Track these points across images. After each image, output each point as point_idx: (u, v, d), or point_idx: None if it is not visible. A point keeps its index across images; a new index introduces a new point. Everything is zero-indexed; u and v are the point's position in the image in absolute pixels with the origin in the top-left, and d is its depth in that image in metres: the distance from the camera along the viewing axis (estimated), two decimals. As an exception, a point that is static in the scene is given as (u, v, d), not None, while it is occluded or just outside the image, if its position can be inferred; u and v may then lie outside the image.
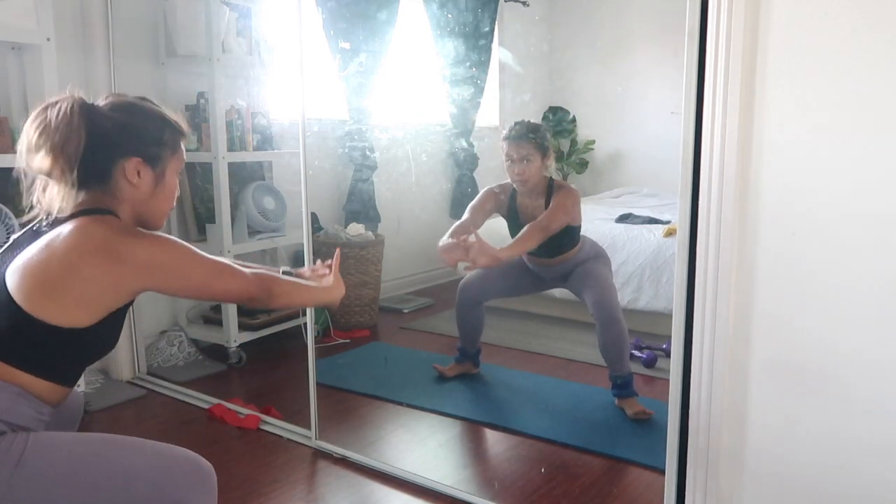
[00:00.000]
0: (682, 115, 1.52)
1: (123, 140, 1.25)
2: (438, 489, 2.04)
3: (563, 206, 2.48)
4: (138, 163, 1.26)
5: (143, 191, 1.28)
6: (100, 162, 1.24)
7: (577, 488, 2.05)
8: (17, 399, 1.16)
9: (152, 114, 1.31)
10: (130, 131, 1.26)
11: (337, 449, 2.29)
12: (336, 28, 3.68)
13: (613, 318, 2.49)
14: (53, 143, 1.18)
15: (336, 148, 3.95)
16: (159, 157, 1.30)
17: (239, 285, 1.29)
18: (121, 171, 1.26)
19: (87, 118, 1.22)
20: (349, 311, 3.61)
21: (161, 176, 1.31)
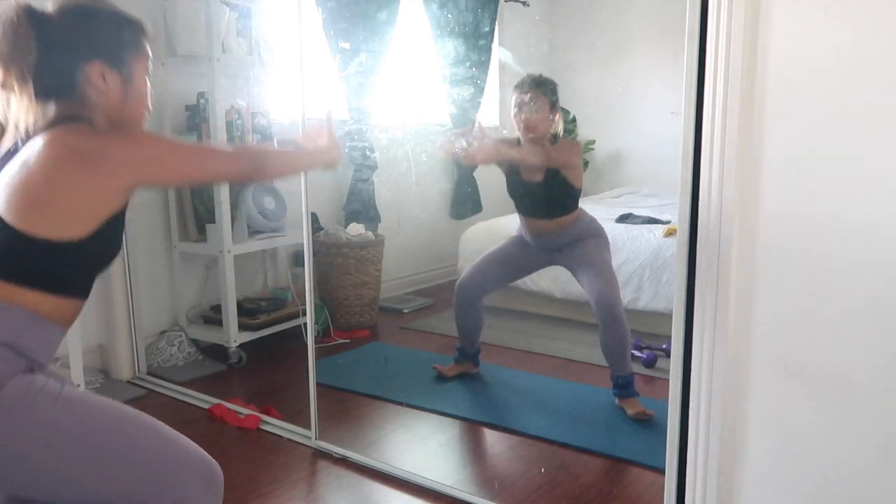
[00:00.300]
0: (683, 115, 1.52)
1: (80, 44, 1.19)
2: (438, 489, 2.04)
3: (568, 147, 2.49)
4: (101, 66, 1.20)
5: (113, 96, 1.23)
6: (59, 70, 1.18)
7: (577, 488, 2.05)
8: (30, 321, 1.14)
9: (106, 13, 1.24)
10: (86, 34, 1.20)
11: (337, 449, 2.29)
12: (336, 28, 3.68)
13: (615, 317, 2.46)
14: (3, 54, 1.13)
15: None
16: (122, 58, 1.24)
17: (227, 164, 1.27)
18: (85, 78, 1.20)
19: (36, 24, 1.16)
20: (349, 311, 3.61)
21: (129, 78, 1.25)
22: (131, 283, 2.98)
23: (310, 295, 2.43)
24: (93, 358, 2.98)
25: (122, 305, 2.96)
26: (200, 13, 2.99)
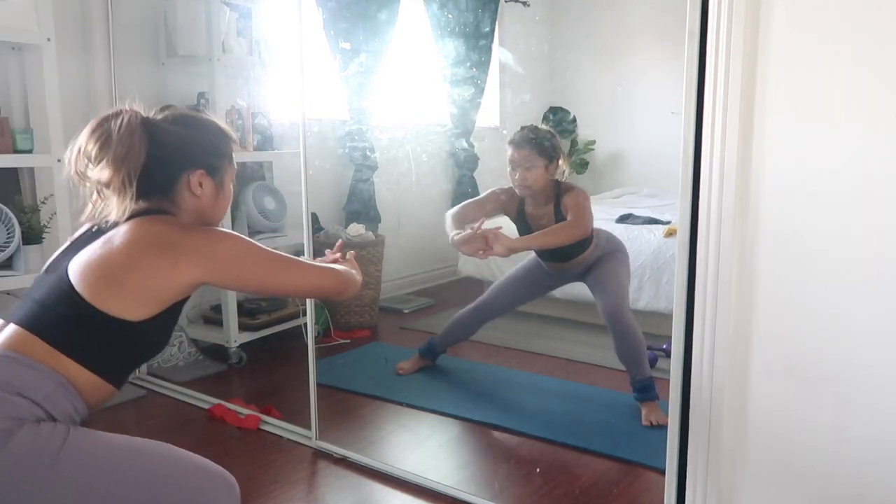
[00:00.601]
0: (683, 115, 1.52)
1: (187, 154, 1.29)
2: (438, 489, 2.04)
3: (584, 211, 2.45)
4: (201, 175, 1.30)
5: (206, 200, 1.32)
6: (163, 175, 1.27)
7: (577, 488, 2.05)
8: (59, 389, 1.16)
9: (211, 126, 1.34)
10: (193, 145, 1.30)
11: (337, 449, 2.29)
12: (336, 28, 3.68)
13: (625, 326, 2.48)
14: (115, 155, 1.20)
15: (336, 148, 3.95)
16: (219, 167, 1.34)
17: (315, 278, 1.33)
18: (184, 183, 1.29)
19: (149, 132, 1.25)
20: (349, 311, 3.61)
21: (221, 185, 1.36)
22: (131, 284, 2.98)
23: (310, 295, 2.42)
24: (93, 358, 2.98)
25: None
26: (201, 13, 3.00)
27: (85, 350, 1.18)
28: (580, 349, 3.18)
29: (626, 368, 2.54)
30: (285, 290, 1.34)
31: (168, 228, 1.22)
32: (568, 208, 2.47)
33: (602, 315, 2.52)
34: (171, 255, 1.19)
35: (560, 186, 2.54)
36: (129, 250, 1.18)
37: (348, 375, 2.98)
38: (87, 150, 1.22)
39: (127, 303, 1.18)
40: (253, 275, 1.26)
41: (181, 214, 1.30)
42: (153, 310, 1.21)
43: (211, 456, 1.31)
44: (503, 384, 2.89)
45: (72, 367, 1.17)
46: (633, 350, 2.49)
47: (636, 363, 2.50)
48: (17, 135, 2.43)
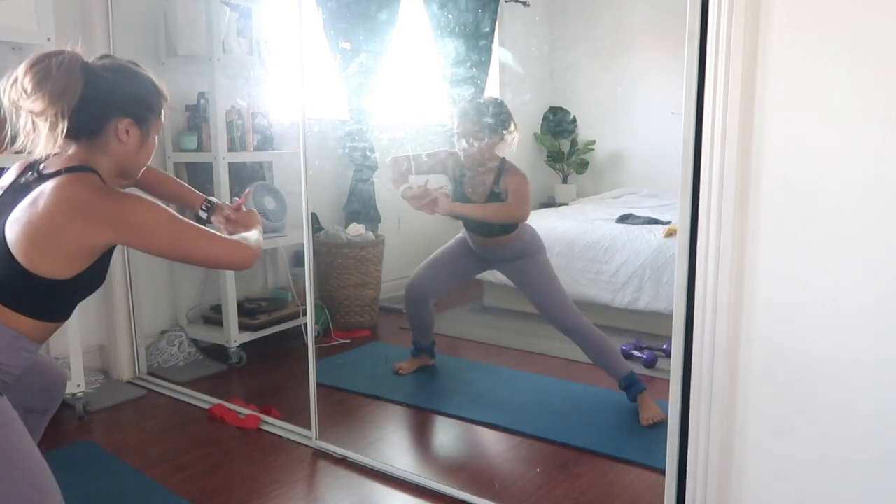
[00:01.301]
0: (683, 115, 1.52)
1: (119, 101, 1.36)
2: (438, 489, 2.04)
3: (525, 196, 2.49)
4: (129, 123, 1.37)
5: (130, 148, 1.39)
6: (93, 118, 1.33)
7: (577, 488, 2.05)
8: (13, 342, 1.30)
9: (145, 80, 1.41)
10: (126, 94, 1.37)
11: (337, 449, 2.29)
12: (336, 28, 3.68)
13: (585, 333, 2.52)
14: (51, 90, 1.26)
15: (336, 148, 3.95)
16: (147, 119, 1.41)
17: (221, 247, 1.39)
18: (112, 129, 1.36)
19: (86, 74, 1.31)
20: (349, 311, 3.61)
21: (146, 136, 1.42)
22: (132, 284, 2.98)
23: (310, 295, 2.43)
24: (93, 358, 2.98)
25: (122, 306, 2.96)
26: (201, 13, 2.99)
27: (29, 304, 1.30)
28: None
29: (605, 370, 2.55)
30: (192, 259, 1.38)
31: (87, 192, 1.28)
32: (509, 190, 2.51)
33: (558, 329, 2.57)
34: (87, 220, 1.26)
35: (504, 164, 2.56)
36: (52, 216, 1.25)
37: (348, 375, 2.98)
38: (23, 82, 1.27)
39: (55, 264, 1.27)
40: (161, 242, 1.33)
41: (104, 160, 1.37)
42: (79, 267, 1.30)
43: (211, 456, 1.32)
44: (503, 384, 2.89)
45: (21, 319, 1.30)
46: (601, 350, 2.53)
47: (610, 363, 2.53)
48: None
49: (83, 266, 1.31)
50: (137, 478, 2.13)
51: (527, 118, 5.14)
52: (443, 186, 2.49)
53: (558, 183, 5.15)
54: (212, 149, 2.98)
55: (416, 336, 2.97)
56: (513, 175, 2.53)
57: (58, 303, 1.35)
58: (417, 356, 3.00)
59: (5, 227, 1.28)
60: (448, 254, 2.82)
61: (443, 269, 2.81)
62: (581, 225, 3.64)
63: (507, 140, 2.55)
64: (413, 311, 2.89)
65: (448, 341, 3.34)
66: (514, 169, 2.57)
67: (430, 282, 2.82)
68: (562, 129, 5.17)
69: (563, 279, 3.38)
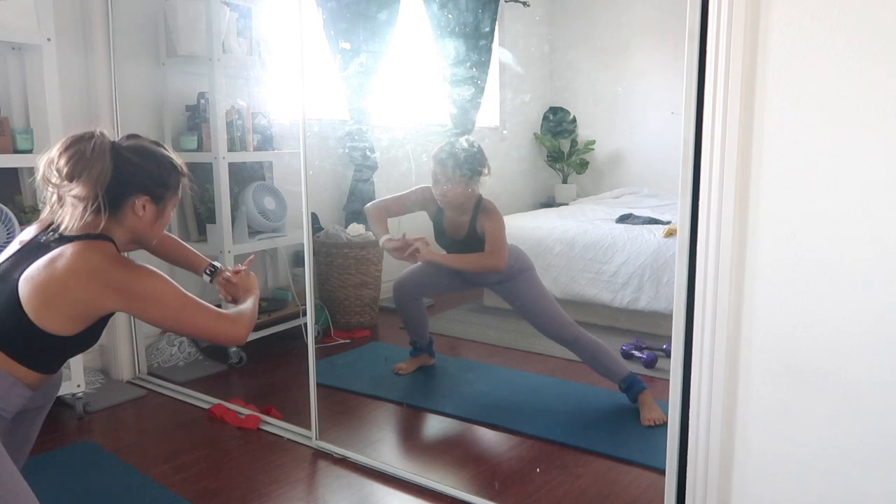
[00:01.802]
0: (683, 115, 1.52)
1: (139, 180, 1.47)
2: (438, 489, 2.04)
3: (500, 241, 2.55)
4: (146, 200, 1.48)
5: (146, 222, 1.50)
6: (115, 195, 1.44)
7: (577, 488, 2.05)
8: (13, 388, 1.39)
9: (165, 161, 1.53)
10: (146, 174, 1.48)
11: (337, 449, 2.29)
12: (336, 28, 3.68)
13: (582, 345, 2.56)
14: (91, 175, 1.37)
15: (336, 148, 3.95)
16: (163, 196, 1.53)
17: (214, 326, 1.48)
18: (130, 205, 1.47)
19: (115, 157, 1.42)
20: (349, 311, 3.61)
21: (162, 211, 1.54)
22: (131, 284, 2.98)
23: (310, 295, 2.43)
24: (93, 358, 2.98)
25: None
26: (201, 13, 3.00)
27: (29, 356, 1.40)
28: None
29: (605, 376, 2.58)
30: (189, 332, 1.48)
31: (102, 260, 1.38)
32: (486, 234, 2.56)
33: (556, 342, 2.62)
34: (98, 286, 1.36)
35: (480, 202, 2.62)
36: (68, 279, 1.34)
37: (348, 375, 2.98)
38: (58, 164, 1.38)
39: (61, 322, 1.37)
40: (164, 315, 1.43)
41: (120, 231, 1.47)
42: (82, 326, 1.41)
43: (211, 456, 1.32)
44: (503, 384, 2.89)
45: (20, 369, 1.39)
46: (599, 359, 2.56)
47: (609, 367, 2.55)
48: (18, 135, 2.43)
49: (85, 326, 1.41)
50: (137, 478, 2.13)
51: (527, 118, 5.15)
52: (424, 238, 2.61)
53: (558, 183, 5.15)
54: (212, 149, 2.98)
55: (411, 334, 2.98)
56: (487, 215, 2.59)
57: (55, 356, 1.45)
58: (417, 356, 3.00)
59: (19, 281, 1.36)
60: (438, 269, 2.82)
61: (430, 276, 2.83)
62: (581, 225, 3.64)
63: (481, 181, 2.62)
64: (403, 308, 2.91)
65: (448, 341, 3.34)
66: (489, 208, 2.62)
67: (415, 282, 2.85)
68: (562, 129, 5.17)
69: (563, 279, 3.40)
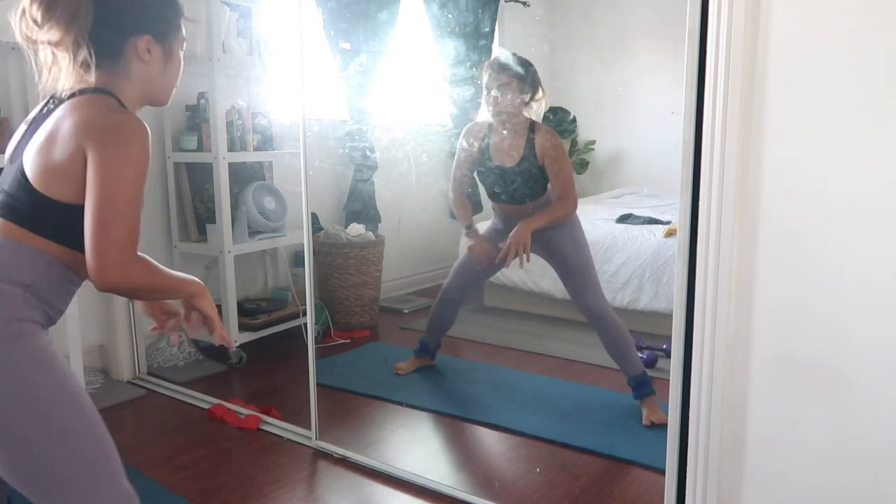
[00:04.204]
0: (683, 115, 1.52)
1: (133, 17, 1.28)
2: (438, 489, 2.04)
3: (571, 179, 2.42)
4: (149, 40, 1.29)
5: (154, 67, 1.31)
6: (109, 39, 1.26)
7: (577, 489, 2.05)
8: (50, 265, 1.22)
9: None
10: (139, 9, 1.29)
11: (337, 449, 2.29)
12: (336, 28, 3.68)
13: (611, 323, 2.49)
14: (63, 15, 1.20)
15: (336, 148, 3.95)
16: (166, 34, 1.33)
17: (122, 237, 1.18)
18: (132, 49, 1.28)
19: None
20: (349, 311, 3.61)
21: (169, 52, 1.33)
22: (131, 284, 2.98)
23: (310, 295, 2.43)
24: (93, 358, 2.98)
25: (122, 306, 2.96)
26: (200, 13, 2.99)
27: (57, 230, 1.22)
28: (580, 349, 3.18)
29: (619, 365, 2.53)
30: (94, 227, 1.16)
31: (95, 110, 1.21)
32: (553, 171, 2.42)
33: (582, 310, 2.52)
34: (82, 134, 1.18)
35: (534, 125, 2.49)
36: (55, 135, 1.19)
37: (348, 375, 2.98)
38: (31, 13, 1.21)
39: (66, 189, 1.19)
40: (103, 191, 1.16)
41: (128, 86, 1.29)
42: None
43: (211, 456, 1.32)
44: (503, 384, 2.89)
45: (53, 246, 1.22)
46: (621, 345, 2.49)
47: (627, 359, 2.50)
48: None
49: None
50: (137, 478, 2.13)
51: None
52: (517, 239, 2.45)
53: (558, 183, 5.14)
54: (212, 149, 2.98)
55: (428, 335, 2.96)
56: (551, 144, 2.43)
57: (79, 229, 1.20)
58: (421, 356, 3.00)
59: (23, 155, 1.24)
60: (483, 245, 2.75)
61: (475, 267, 2.77)
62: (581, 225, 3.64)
63: (534, 107, 2.49)
64: (441, 313, 2.88)
65: (448, 341, 3.33)
66: (548, 132, 2.46)
67: (466, 284, 2.82)
68: (562, 129, 5.16)
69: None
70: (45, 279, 1.21)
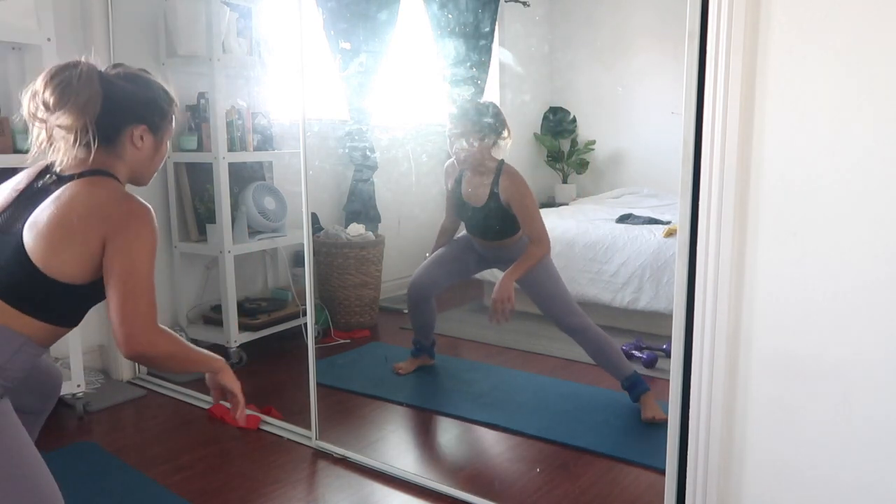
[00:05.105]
0: (683, 115, 1.52)
1: (134, 108, 1.39)
2: (438, 489, 2.04)
3: (539, 221, 2.49)
4: (144, 130, 1.41)
5: (144, 154, 1.42)
6: (110, 126, 1.36)
7: (577, 489, 2.05)
8: (23, 347, 1.29)
9: (157, 87, 1.45)
10: (141, 102, 1.41)
11: (337, 449, 2.29)
12: (336, 28, 3.68)
13: (592, 335, 2.52)
14: (77, 103, 1.29)
15: (336, 148, 3.95)
16: (160, 126, 1.45)
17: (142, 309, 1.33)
18: (128, 136, 1.39)
19: (104, 84, 1.35)
20: (349, 311, 3.61)
21: (160, 142, 1.46)
22: (131, 284, 2.98)
23: (310, 295, 2.43)
24: (93, 358, 2.98)
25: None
26: (201, 13, 2.99)
27: (42, 308, 1.30)
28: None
29: (608, 371, 2.56)
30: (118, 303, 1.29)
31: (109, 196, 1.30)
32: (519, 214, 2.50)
33: (564, 332, 2.58)
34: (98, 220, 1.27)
35: (502, 166, 2.55)
36: (72, 219, 1.26)
37: (348, 375, 2.98)
38: (43, 97, 1.29)
39: (70, 267, 1.27)
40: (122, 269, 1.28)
41: (120, 167, 1.39)
42: (94, 272, 1.30)
43: (211, 456, 1.32)
44: (503, 384, 2.89)
45: (32, 323, 1.29)
46: (606, 353, 2.53)
47: (614, 363, 2.53)
48: (18, 135, 2.43)
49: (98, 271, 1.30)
50: (137, 478, 2.13)
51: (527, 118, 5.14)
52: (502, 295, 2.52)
53: (558, 183, 5.15)
54: (212, 149, 2.98)
55: (417, 335, 2.98)
56: (514, 186, 2.51)
57: (70, 307, 1.34)
58: (418, 356, 3.00)
59: (23, 230, 1.28)
60: (449, 252, 2.83)
61: (444, 267, 2.82)
62: (581, 225, 3.64)
63: (501, 145, 2.56)
64: (415, 309, 2.90)
65: (448, 341, 3.34)
66: (513, 173, 2.55)
67: (431, 280, 2.83)
68: (562, 129, 5.17)
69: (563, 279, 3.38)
70: (14, 360, 1.29)
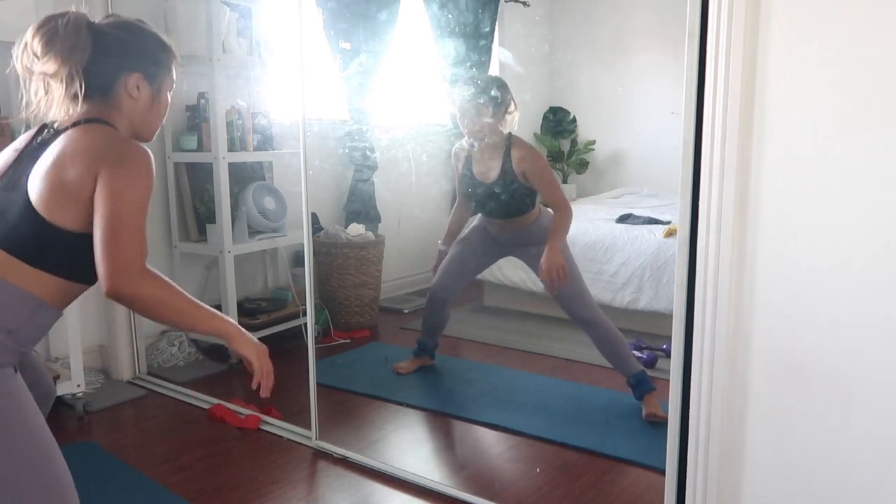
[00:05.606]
0: (683, 115, 1.52)
1: (127, 56, 1.34)
2: (438, 489, 2.04)
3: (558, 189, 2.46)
4: (139, 78, 1.35)
5: (142, 105, 1.37)
6: (103, 74, 1.32)
7: (577, 488, 2.05)
8: (37, 310, 1.24)
9: (152, 35, 1.40)
10: (133, 49, 1.36)
11: (337, 449, 2.29)
12: (336, 28, 3.68)
13: (604, 328, 2.52)
14: (62, 49, 1.25)
15: (336, 148, 3.95)
16: (157, 75, 1.39)
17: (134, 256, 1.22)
18: (122, 85, 1.34)
19: (93, 32, 1.30)
20: (349, 311, 3.61)
21: (157, 93, 1.40)
22: (131, 284, 2.98)
23: (310, 295, 2.43)
24: (93, 358, 2.98)
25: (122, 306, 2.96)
26: (201, 13, 2.99)
27: (53, 260, 1.24)
28: (580, 349, 3.17)
29: (616, 367, 2.55)
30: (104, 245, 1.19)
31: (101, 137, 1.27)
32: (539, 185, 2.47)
33: (576, 322, 2.57)
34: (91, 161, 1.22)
35: (511, 139, 2.52)
36: (64, 163, 1.22)
37: (348, 375, 2.98)
38: (32, 46, 1.27)
39: (74, 216, 1.22)
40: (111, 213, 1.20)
41: (119, 119, 1.35)
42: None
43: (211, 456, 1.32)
44: (503, 384, 2.89)
45: (45, 279, 1.24)
46: (615, 348, 2.52)
47: (623, 360, 2.53)
48: (17, 135, 2.43)
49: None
50: (137, 478, 2.13)
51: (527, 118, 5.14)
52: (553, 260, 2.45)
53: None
54: (212, 149, 2.98)
55: (425, 336, 2.97)
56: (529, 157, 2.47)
57: (81, 259, 1.25)
58: (419, 356, 3.00)
59: (27, 184, 1.25)
60: (464, 250, 2.80)
61: (462, 267, 2.81)
62: (581, 225, 3.64)
63: (508, 120, 2.52)
64: (432, 313, 2.90)
65: (448, 341, 3.33)
66: (525, 145, 2.51)
67: (452, 283, 2.83)
68: (562, 129, 5.17)
69: (563, 279, 3.37)
70: (28, 324, 1.24)
